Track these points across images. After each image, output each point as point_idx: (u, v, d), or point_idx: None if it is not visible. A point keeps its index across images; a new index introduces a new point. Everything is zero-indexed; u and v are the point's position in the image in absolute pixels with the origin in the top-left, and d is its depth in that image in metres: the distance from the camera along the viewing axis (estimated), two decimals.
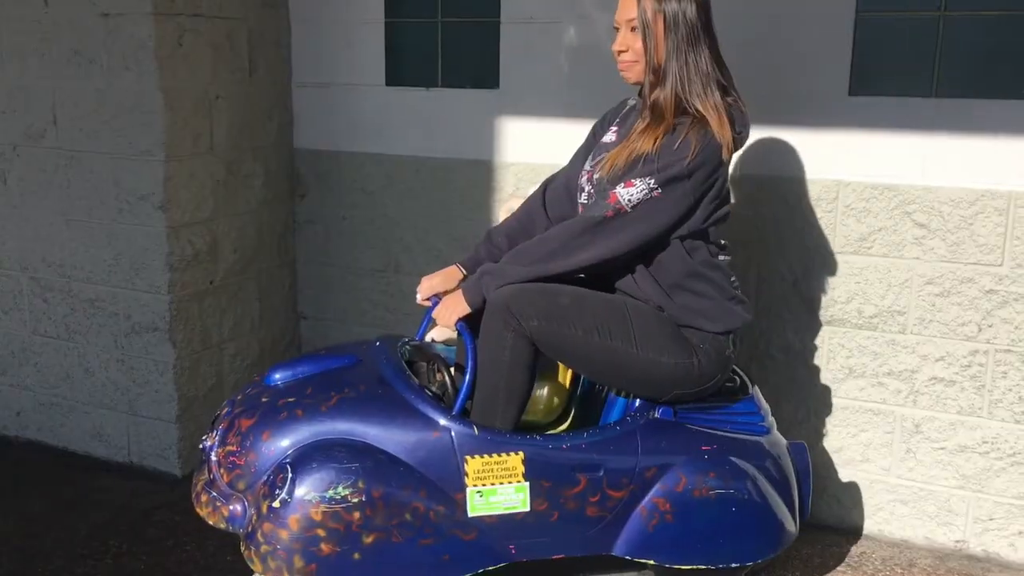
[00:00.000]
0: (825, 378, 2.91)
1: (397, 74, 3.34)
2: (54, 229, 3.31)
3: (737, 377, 2.47)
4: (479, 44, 3.20)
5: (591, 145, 2.45)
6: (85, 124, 3.16)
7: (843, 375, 2.89)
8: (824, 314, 2.88)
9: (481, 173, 3.26)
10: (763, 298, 2.93)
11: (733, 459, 2.26)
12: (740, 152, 2.88)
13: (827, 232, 2.83)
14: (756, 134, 2.86)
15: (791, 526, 2.34)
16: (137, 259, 3.16)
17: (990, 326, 2.70)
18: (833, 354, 2.89)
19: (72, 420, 3.44)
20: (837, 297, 2.85)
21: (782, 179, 2.86)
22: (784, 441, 2.45)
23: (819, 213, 2.83)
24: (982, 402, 2.74)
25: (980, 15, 2.58)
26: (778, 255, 2.90)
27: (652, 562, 2.24)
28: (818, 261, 2.86)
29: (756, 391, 2.45)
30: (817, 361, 2.91)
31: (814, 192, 2.83)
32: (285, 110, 3.50)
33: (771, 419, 2.43)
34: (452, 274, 2.45)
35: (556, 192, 2.47)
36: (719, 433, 2.30)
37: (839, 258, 2.83)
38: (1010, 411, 2.71)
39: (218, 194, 3.25)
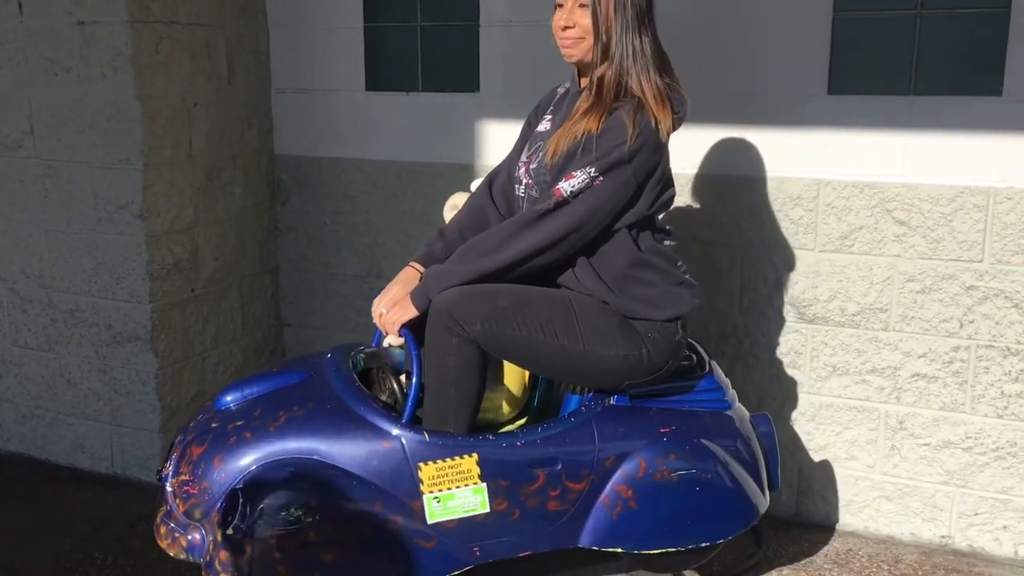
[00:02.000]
0: (809, 376, 2.92)
1: (377, 79, 3.33)
2: (33, 239, 3.28)
3: (694, 355, 2.44)
4: (458, 48, 3.19)
5: (527, 136, 2.43)
6: (62, 133, 3.13)
7: (827, 373, 2.90)
8: (807, 313, 2.88)
9: (463, 177, 3.25)
10: (746, 298, 2.94)
11: (693, 438, 2.24)
12: (722, 152, 2.89)
13: (808, 231, 2.84)
14: (736, 134, 2.87)
15: (759, 499, 2.32)
16: (117, 268, 3.13)
17: (971, 322, 2.71)
18: (816, 352, 2.90)
19: (54, 432, 3.41)
20: (819, 295, 2.86)
21: (762, 179, 2.87)
22: (747, 414, 2.42)
23: (800, 212, 2.84)
24: (964, 397, 2.75)
25: (956, 12, 2.60)
26: (760, 255, 2.90)
27: (620, 550, 2.22)
28: (800, 260, 2.86)
29: (715, 366, 2.43)
30: (801, 359, 2.92)
31: (795, 191, 2.84)
32: (264, 116, 3.48)
33: (732, 392, 2.41)
34: (411, 278, 2.32)
35: (502, 185, 2.44)
36: (678, 413, 2.28)
37: (821, 257, 2.84)
38: (992, 406, 2.73)
39: (198, 202, 3.23)
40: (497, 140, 3.18)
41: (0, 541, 2.90)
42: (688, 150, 2.91)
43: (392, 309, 2.23)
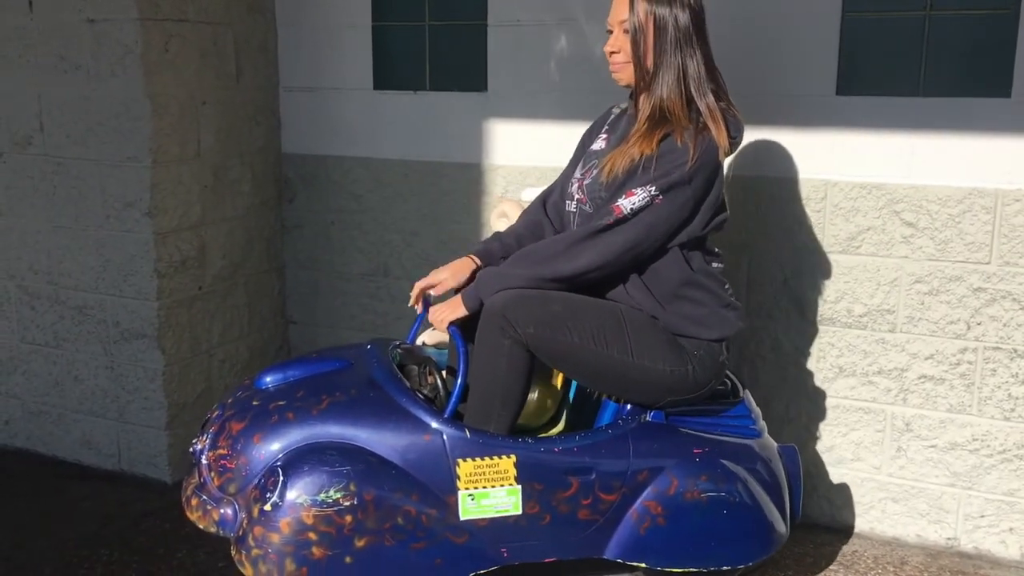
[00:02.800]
0: (815, 377, 2.92)
1: (384, 78, 3.34)
2: (41, 236, 3.29)
3: (728, 381, 2.47)
4: (466, 47, 3.19)
5: (580, 155, 2.45)
6: (72, 130, 3.14)
7: (833, 374, 2.89)
8: (814, 314, 2.88)
9: (469, 176, 3.25)
10: (753, 298, 2.94)
11: (724, 462, 2.27)
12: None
13: (816, 232, 2.84)
14: (746, 135, 2.86)
15: (782, 528, 2.35)
16: (125, 266, 3.14)
17: (979, 324, 2.71)
18: (823, 353, 2.89)
19: (61, 428, 3.42)
20: (827, 296, 2.86)
21: (771, 179, 2.87)
22: (775, 444, 2.46)
23: (808, 213, 2.84)
24: (971, 399, 2.75)
25: (965, 14, 2.59)
26: (768, 255, 2.90)
27: (643, 565, 2.24)
28: (807, 261, 2.86)
29: (747, 394, 2.46)
30: (807, 360, 2.92)
31: (803, 192, 2.83)
32: (272, 115, 3.49)
33: (762, 423, 2.44)
34: (463, 267, 2.37)
35: (555, 203, 2.46)
36: (710, 436, 2.31)
37: (828, 258, 2.84)
38: (999, 408, 2.72)
39: (206, 199, 3.24)
40: (504, 140, 3.18)
41: (6, 536, 2.91)
42: None
43: (442, 307, 2.26)
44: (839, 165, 2.78)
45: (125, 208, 3.10)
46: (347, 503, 2.05)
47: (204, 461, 2.22)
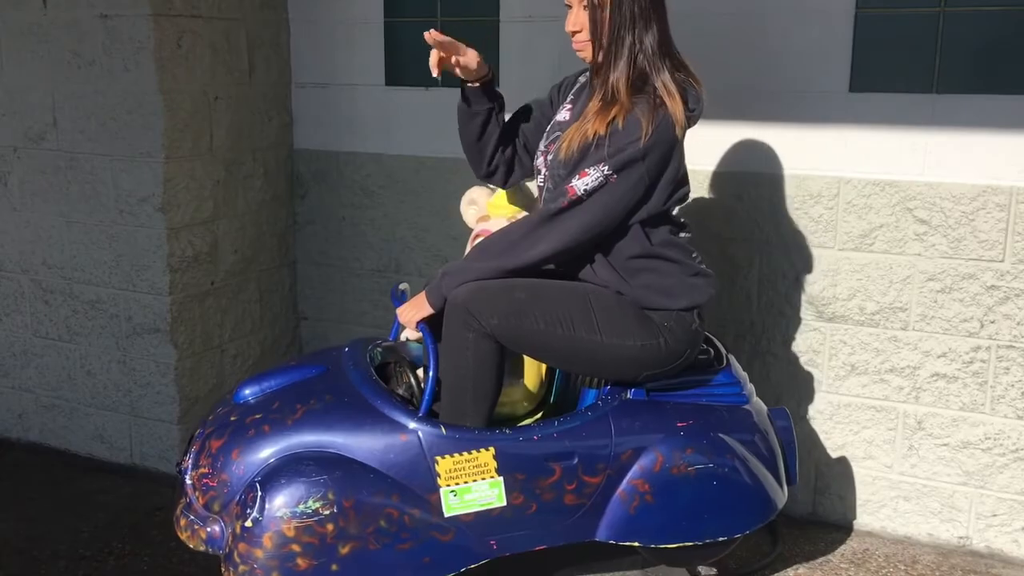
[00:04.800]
0: (827, 375, 2.91)
1: (396, 74, 3.34)
2: (55, 231, 3.31)
3: (711, 348, 2.44)
4: (478, 43, 3.16)
5: (547, 113, 2.45)
6: (85, 126, 3.16)
7: (845, 372, 2.88)
8: (826, 311, 2.87)
9: None
10: (764, 296, 2.93)
11: (711, 432, 2.25)
12: (742, 149, 2.89)
13: (828, 229, 2.83)
14: (756, 131, 2.86)
15: (777, 494, 2.32)
16: (138, 260, 3.16)
17: (992, 322, 2.69)
18: (835, 351, 2.88)
19: (74, 422, 3.44)
20: (839, 294, 2.85)
21: (783, 176, 2.86)
22: (765, 408, 2.42)
23: (820, 210, 2.83)
24: (984, 398, 2.74)
25: (980, 11, 2.58)
26: (779, 252, 2.89)
27: (637, 544, 2.23)
28: (819, 258, 2.85)
29: (732, 360, 2.42)
30: (819, 358, 2.91)
31: (815, 189, 2.82)
32: (284, 110, 3.50)
33: (749, 386, 2.41)
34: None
35: (528, 146, 2.48)
36: (695, 407, 2.28)
37: (840, 255, 2.83)
38: (1012, 407, 2.71)
39: (218, 195, 3.25)
40: None
41: (20, 529, 2.93)
42: (707, 146, 2.90)
43: (408, 306, 2.26)
44: (852, 162, 2.77)
45: (138, 203, 3.11)
46: (327, 512, 2.05)
47: (188, 481, 2.23)
